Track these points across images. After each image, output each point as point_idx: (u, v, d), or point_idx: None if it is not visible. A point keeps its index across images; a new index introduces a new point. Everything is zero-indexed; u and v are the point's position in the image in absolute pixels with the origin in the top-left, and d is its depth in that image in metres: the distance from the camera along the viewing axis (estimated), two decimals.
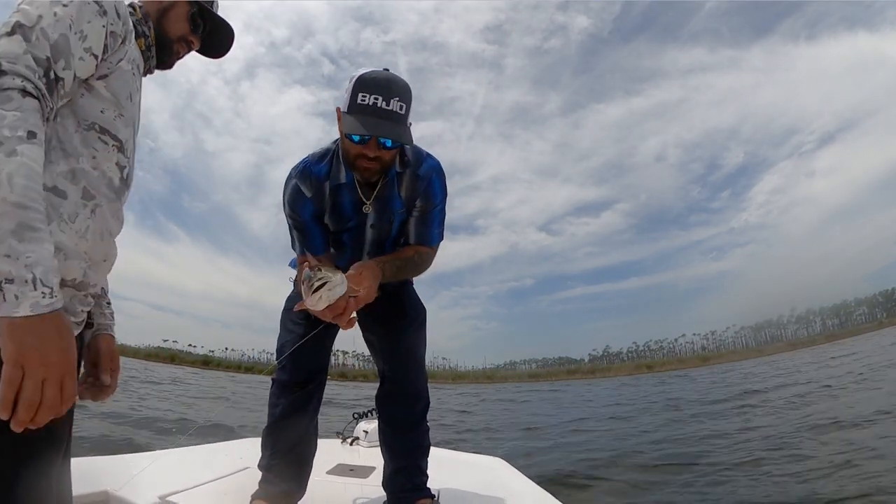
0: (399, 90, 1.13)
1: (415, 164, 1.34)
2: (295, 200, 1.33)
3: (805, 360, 28.62)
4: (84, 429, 5.49)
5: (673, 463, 4.86)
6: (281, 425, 1.42)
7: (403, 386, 1.52)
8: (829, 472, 3.88)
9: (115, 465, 1.64)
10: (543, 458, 5.52)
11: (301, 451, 1.44)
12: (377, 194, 1.32)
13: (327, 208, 1.35)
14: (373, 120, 1.11)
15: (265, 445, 1.44)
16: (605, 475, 4.53)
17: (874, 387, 9.58)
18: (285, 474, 1.39)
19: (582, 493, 4.05)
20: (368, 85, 1.12)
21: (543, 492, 1.73)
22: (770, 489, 3.72)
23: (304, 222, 1.34)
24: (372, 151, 1.16)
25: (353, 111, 1.12)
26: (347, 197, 1.33)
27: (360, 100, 1.11)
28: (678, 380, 28.33)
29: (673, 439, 6.27)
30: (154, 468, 1.65)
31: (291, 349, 1.39)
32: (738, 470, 4.37)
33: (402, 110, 1.14)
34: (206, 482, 1.54)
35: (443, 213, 1.41)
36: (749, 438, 5.76)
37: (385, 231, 1.40)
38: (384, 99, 1.10)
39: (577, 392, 24.98)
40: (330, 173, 1.31)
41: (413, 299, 1.61)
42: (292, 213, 1.34)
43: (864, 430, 5.37)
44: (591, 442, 6.81)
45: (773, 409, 8.48)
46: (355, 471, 1.96)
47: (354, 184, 1.31)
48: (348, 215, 1.36)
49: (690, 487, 3.99)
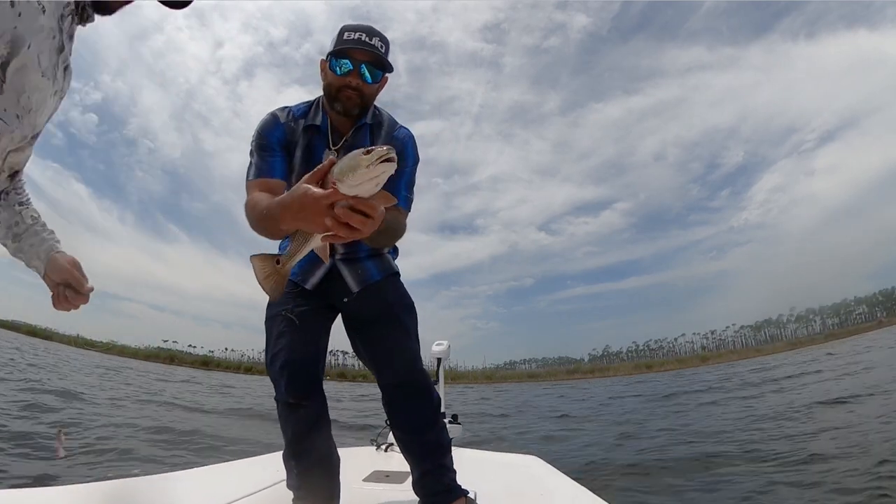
0: (379, 33, 1.29)
1: (389, 126, 1.42)
2: (265, 125, 1.34)
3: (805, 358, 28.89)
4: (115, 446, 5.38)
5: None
6: (298, 449, 1.39)
7: (405, 388, 1.44)
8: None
9: (152, 485, 1.58)
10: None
11: (324, 466, 1.41)
12: (346, 141, 1.35)
13: (298, 145, 1.36)
14: (357, 48, 1.25)
15: (288, 467, 1.42)
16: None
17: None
18: (315, 490, 1.38)
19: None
20: (352, 27, 1.28)
21: (583, 489, 1.70)
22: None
23: (268, 143, 1.33)
24: (353, 80, 1.27)
25: (339, 45, 1.27)
26: (319, 141, 1.36)
27: (345, 37, 1.26)
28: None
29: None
30: (190, 486, 1.60)
31: (281, 362, 1.35)
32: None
33: (382, 49, 1.29)
34: (241, 497, 1.47)
35: (412, 179, 1.41)
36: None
37: None
38: (367, 36, 1.26)
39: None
40: (307, 115, 1.37)
41: (399, 292, 1.54)
42: (258, 135, 1.33)
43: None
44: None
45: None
46: (391, 477, 1.93)
47: (328, 129, 1.36)
48: (317, 158, 1.33)
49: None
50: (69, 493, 1.37)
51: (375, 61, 1.28)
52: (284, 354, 1.36)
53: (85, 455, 4.62)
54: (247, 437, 6.41)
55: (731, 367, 39.27)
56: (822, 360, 23.04)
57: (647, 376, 63.97)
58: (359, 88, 1.28)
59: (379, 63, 1.29)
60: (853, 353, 24.81)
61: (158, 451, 5.35)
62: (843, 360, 20.73)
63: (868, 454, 4.45)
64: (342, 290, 1.45)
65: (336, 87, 1.29)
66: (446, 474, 1.44)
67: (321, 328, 1.48)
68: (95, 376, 16.83)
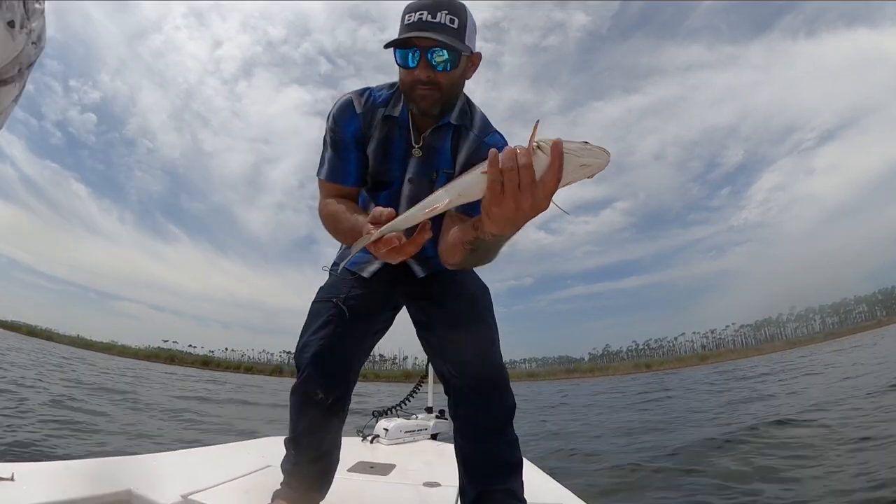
0: (448, 5, 1.02)
1: (481, 129, 1.20)
2: (341, 113, 1.18)
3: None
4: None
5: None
6: (305, 441, 1.28)
7: (476, 387, 1.22)
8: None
9: (138, 464, 1.62)
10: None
11: (322, 463, 1.32)
12: (426, 140, 1.18)
13: (374, 137, 1.20)
14: (416, 32, 1.00)
15: (288, 451, 1.33)
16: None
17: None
18: (308, 481, 1.31)
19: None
20: (413, 5, 1.03)
21: (568, 492, 1.71)
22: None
23: (342, 138, 1.18)
24: (423, 73, 1.04)
25: (400, 33, 1.03)
26: (398, 134, 1.20)
27: (406, 20, 1.03)
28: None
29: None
30: (177, 467, 1.64)
31: (315, 350, 1.23)
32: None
33: (454, 24, 1.01)
34: (228, 480, 1.52)
35: None
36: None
37: (423, 189, 1.18)
38: (429, 13, 1.01)
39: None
40: (388, 103, 1.19)
41: (472, 277, 1.36)
42: (334, 125, 1.19)
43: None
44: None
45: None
46: (375, 468, 1.96)
47: (409, 124, 1.18)
48: (394, 155, 1.21)
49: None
50: (50, 469, 1.42)
51: (447, 43, 1.00)
52: (319, 345, 1.23)
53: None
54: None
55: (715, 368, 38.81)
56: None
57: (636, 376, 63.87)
58: (433, 81, 1.05)
59: (452, 44, 1.00)
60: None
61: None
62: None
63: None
64: (406, 276, 1.33)
65: (407, 83, 1.08)
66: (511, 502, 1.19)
67: (370, 328, 1.33)
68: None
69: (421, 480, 1.77)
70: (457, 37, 1.02)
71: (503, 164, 0.68)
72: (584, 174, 0.69)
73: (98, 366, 26.41)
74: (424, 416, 3.06)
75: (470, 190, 0.74)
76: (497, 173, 0.69)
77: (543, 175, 0.68)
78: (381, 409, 2.93)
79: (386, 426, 2.68)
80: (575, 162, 0.67)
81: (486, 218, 0.76)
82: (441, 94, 1.07)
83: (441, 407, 3.18)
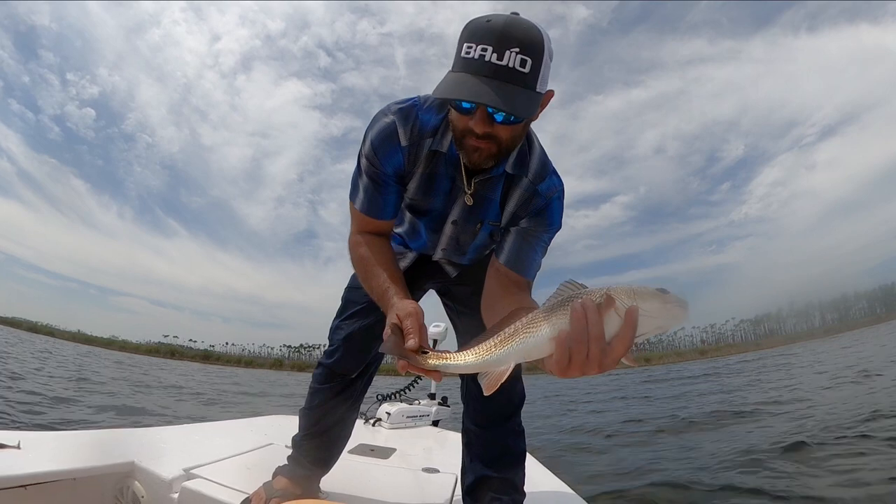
0: (520, 38, 0.78)
1: (536, 175, 1.04)
2: (383, 143, 1.00)
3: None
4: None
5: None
6: (319, 411, 1.32)
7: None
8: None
9: (142, 437, 1.63)
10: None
11: (335, 435, 1.36)
12: (476, 188, 1.03)
13: (417, 173, 1.05)
14: (473, 80, 0.78)
15: (301, 424, 1.36)
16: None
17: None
18: (313, 455, 1.33)
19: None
20: (476, 33, 0.79)
21: (563, 484, 1.72)
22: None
23: (381, 175, 1.03)
24: (480, 127, 0.83)
25: (456, 68, 0.81)
26: (444, 171, 1.04)
27: (465, 52, 0.79)
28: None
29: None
30: (180, 441, 1.65)
31: (346, 333, 1.26)
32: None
33: (525, 67, 0.78)
34: (230, 456, 1.52)
35: (548, 244, 1.09)
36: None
37: (466, 235, 1.15)
38: (495, 50, 0.77)
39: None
40: (438, 131, 1.01)
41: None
42: (373, 157, 1.01)
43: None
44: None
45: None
46: (376, 451, 1.97)
47: (460, 160, 1.00)
48: (437, 191, 1.07)
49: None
50: (55, 438, 1.43)
51: (513, 111, 0.79)
52: (352, 327, 1.27)
53: None
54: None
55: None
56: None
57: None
58: (490, 137, 0.85)
59: (520, 109, 0.79)
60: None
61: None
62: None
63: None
64: (438, 275, 1.34)
65: (459, 130, 0.88)
66: (511, 494, 1.22)
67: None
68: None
69: (420, 466, 1.78)
70: (528, 85, 0.80)
71: (573, 338, 0.61)
72: (657, 332, 0.62)
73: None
74: (427, 403, 3.06)
75: (534, 352, 0.67)
76: (565, 346, 0.62)
77: (613, 340, 0.61)
78: (384, 394, 2.94)
79: (388, 410, 2.69)
80: (650, 325, 0.60)
81: (548, 368, 0.68)
82: (498, 150, 0.89)
83: (444, 394, 3.19)
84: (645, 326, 0.60)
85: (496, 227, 1.11)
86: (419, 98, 1.03)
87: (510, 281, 1.04)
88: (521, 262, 1.05)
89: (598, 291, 0.62)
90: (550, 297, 0.68)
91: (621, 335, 0.60)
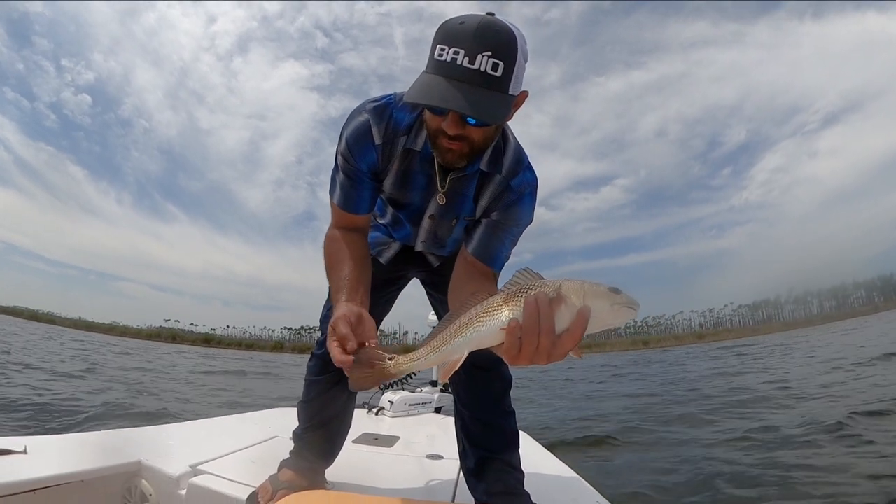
0: (493, 42, 0.78)
1: (510, 171, 1.05)
2: (357, 141, 1.02)
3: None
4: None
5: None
6: (317, 403, 1.33)
7: (475, 360, 1.30)
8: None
9: (148, 435, 1.64)
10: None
11: (335, 427, 1.37)
12: (450, 185, 1.05)
13: (392, 169, 1.07)
14: (445, 83, 0.78)
15: (300, 417, 1.38)
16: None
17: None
18: (316, 448, 1.34)
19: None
20: (449, 35, 0.79)
21: (563, 465, 1.74)
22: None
23: (356, 171, 1.05)
24: (452, 128, 0.85)
25: (429, 69, 0.81)
26: (419, 168, 1.06)
27: (438, 55, 0.79)
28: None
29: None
30: (185, 438, 1.66)
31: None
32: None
33: (497, 71, 0.78)
34: (235, 451, 1.54)
35: (517, 237, 1.12)
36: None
37: (443, 229, 1.19)
38: (467, 53, 0.77)
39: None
40: (412, 130, 1.03)
41: None
42: (348, 155, 1.03)
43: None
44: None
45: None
46: (379, 440, 1.99)
47: (434, 159, 1.01)
48: (413, 186, 1.10)
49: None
50: (61, 442, 1.44)
51: (483, 116, 0.80)
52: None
53: None
54: None
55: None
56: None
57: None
58: (463, 138, 0.87)
59: (488, 115, 0.80)
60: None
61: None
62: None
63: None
64: (421, 264, 1.36)
65: (432, 129, 0.90)
66: (511, 473, 1.26)
67: (387, 299, 1.39)
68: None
69: (424, 453, 1.79)
70: (500, 88, 0.80)
71: (524, 329, 0.64)
72: (604, 329, 0.65)
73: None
74: (429, 390, 3.09)
75: (486, 341, 0.70)
76: (515, 337, 0.64)
77: (563, 334, 0.63)
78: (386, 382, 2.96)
79: (391, 399, 2.71)
80: (599, 324, 0.63)
81: (499, 355, 0.71)
82: (471, 150, 0.91)
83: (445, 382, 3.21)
84: (594, 325, 0.63)
85: (471, 222, 1.13)
86: (395, 95, 1.04)
87: (477, 270, 1.07)
88: (488, 253, 1.08)
89: (553, 285, 0.65)
90: (506, 284, 0.70)
91: (571, 331, 0.63)
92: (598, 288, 0.63)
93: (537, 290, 0.64)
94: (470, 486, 1.30)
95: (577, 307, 0.62)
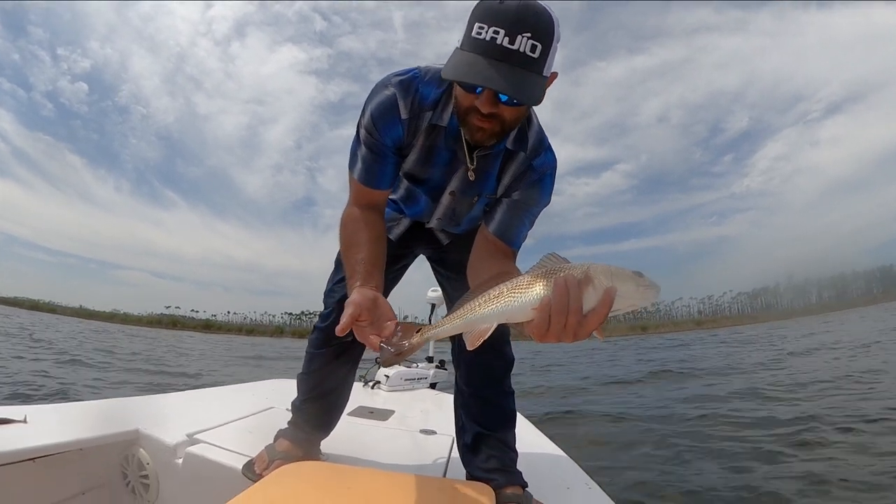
0: (533, 23, 0.78)
1: (533, 151, 1.07)
2: (383, 115, 1.01)
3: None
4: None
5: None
6: (317, 376, 1.34)
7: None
8: None
9: (146, 404, 1.67)
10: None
11: (334, 398, 1.38)
12: (478, 163, 1.05)
13: (417, 145, 1.07)
14: (484, 62, 0.78)
15: (299, 388, 1.38)
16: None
17: None
18: (314, 419, 1.36)
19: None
20: (488, 13, 0.79)
21: (556, 447, 1.75)
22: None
23: (380, 146, 1.04)
24: (486, 106, 0.85)
25: (466, 47, 0.81)
26: (444, 144, 1.06)
27: (476, 33, 0.79)
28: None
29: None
30: (183, 407, 1.68)
31: (340, 297, 1.24)
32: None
33: (535, 52, 0.79)
34: (232, 420, 1.55)
35: (536, 217, 1.13)
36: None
37: (463, 206, 1.18)
38: (507, 34, 0.77)
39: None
40: (438, 105, 1.02)
41: None
42: (373, 129, 1.02)
43: None
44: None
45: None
46: (374, 413, 2.02)
47: (460, 134, 1.01)
48: (436, 162, 1.09)
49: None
50: (61, 411, 1.46)
51: (521, 95, 0.81)
52: (344, 291, 1.22)
53: None
54: None
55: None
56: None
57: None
58: (495, 117, 0.88)
59: (528, 95, 0.82)
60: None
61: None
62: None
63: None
64: (430, 241, 1.36)
65: (464, 108, 0.90)
66: (506, 451, 1.28)
67: (393, 276, 1.38)
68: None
69: (418, 427, 1.82)
70: (536, 70, 0.80)
71: (554, 308, 0.66)
72: (628, 310, 0.68)
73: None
74: (425, 366, 3.11)
75: (516, 315, 0.72)
76: (546, 314, 0.67)
77: (589, 314, 0.66)
78: None
79: (387, 373, 2.72)
80: (624, 304, 0.67)
81: (527, 332, 0.73)
82: (501, 129, 0.91)
83: (441, 357, 3.24)
84: (619, 305, 0.66)
85: (491, 200, 1.13)
86: (419, 69, 1.03)
87: (497, 249, 1.09)
88: (509, 232, 1.10)
89: (580, 267, 0.68)
90: (534, 266, 0.72)
91: (597, 310, 0.66)
92: (623, 271, 0.68)
93: (566, 272, 0.67)
94: (465, 460, 1.32)
95: (603, 287, 0.66)
